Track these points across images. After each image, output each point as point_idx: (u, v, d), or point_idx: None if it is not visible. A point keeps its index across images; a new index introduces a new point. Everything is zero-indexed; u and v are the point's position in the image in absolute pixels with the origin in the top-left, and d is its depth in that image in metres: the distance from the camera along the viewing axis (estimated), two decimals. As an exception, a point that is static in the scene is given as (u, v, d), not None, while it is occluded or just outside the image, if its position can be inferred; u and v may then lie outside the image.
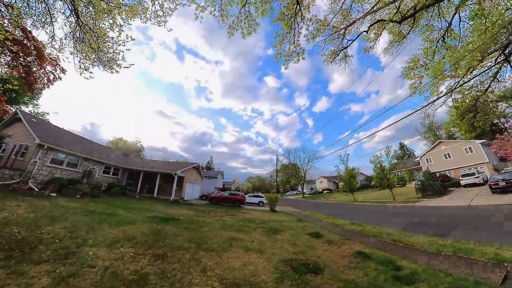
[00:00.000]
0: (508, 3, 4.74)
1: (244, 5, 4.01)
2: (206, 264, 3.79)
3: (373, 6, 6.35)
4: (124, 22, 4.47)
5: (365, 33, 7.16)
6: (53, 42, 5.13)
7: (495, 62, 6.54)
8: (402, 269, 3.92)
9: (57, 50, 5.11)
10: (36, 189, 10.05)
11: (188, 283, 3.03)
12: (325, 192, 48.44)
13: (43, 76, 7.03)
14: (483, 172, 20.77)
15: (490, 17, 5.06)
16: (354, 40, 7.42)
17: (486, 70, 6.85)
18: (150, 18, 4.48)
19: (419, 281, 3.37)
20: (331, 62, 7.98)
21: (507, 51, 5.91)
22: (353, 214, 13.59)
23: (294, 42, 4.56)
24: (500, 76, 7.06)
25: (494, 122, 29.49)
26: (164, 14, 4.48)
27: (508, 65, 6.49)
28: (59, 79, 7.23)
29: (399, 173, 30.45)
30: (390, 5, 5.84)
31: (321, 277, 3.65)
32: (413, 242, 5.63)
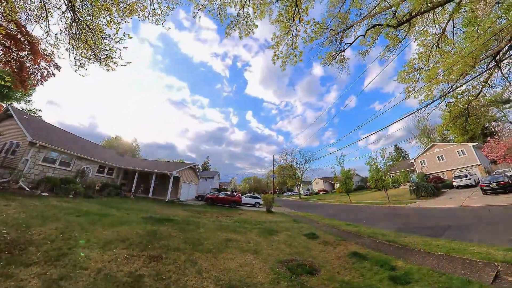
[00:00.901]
0: (499, 12, 4.92)
1: (243, 6, 4.02)
2: (202, 265, 3.75)
3: (370, 11, 6.47)
4: (121, 20, 4.41)
5: (362, 37, 7.28)
6: (48, 38, 5.02)
7: (486, 68, 6.75)
8: (397, 269, 3.97)
9: (52, 46, 5.00)
10: (27, 189, 9.78)
11: (184, 285, 2.99)
12: (321, 193, 48.75)
13: (36, 72, 6.84)
14: (475, 174, 21.33)
15: (482, 25, 5.24)
16: (351, 44, 7.53)
17: (478, 75, 7.06)
18: (148, 16, 4.44)
19: (414, 281, 3.42)
20: (328, 65, 8.08)
21: (498, 57, 6.11)
22: (349, 215, 13.71)
23: (292, 44, 4.60)
24: (491, 82, 7.28)
25: (486, 126, 30.37)
26: (163, 13, 4.45)
27: (499, 71, 6.71)
28: (52, 76, 7.06)
29: (394, 175, 30.92)
30: (387, 10, 5.97)
31: (317, 277, 3.67)
32: (408, 242, 5.71)
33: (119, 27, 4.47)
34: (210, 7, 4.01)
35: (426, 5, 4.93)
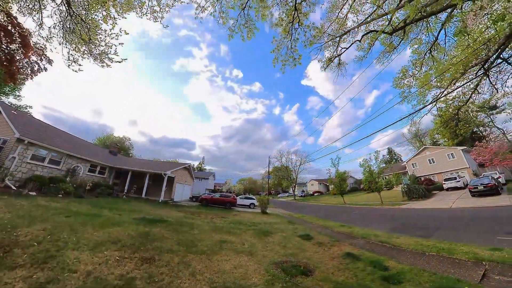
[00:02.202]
0: (488, 23, 5.16)
1: (244, 8, 4.03)
2: (196, 267, 3.70)
3: (367, 18, 6.63)
4: (118, 15, 4.32)
5: (358, 42, 7.44)
6: (41, 31, 4.85)
7: (475, 75, 7.03)
8: (389, 269, 4.04)
9: (45, 39, 4.83)
10: (14, 187, 9.39)
11: (177, 287, 2.93)
12: (316, 194, 49.19)
13: (27, 66, 6.54)
14: (464, 176, 22.09)
15: (472, 34, 5.48)
16: (348, 48, 7.67)
17: (468, 82, 7.34)
18: (146, 13, 4.37)
19: (405, 281, 3.50)
20: (326, 69, 8.20)
21: (486, 65, 6.38)
22: (343, 216, 13.88)
23: (291, 47, 4.64)
24: (480, 88, 7.60)
25: (474, 130, 31.57)
26: (161, 10, 4.40)
27: (487, 79, 7.01)
28: (44, 70, 6.77)
29: (386, 177, 31.59)
30: (383, 17, 6.13)
31: (311, 278, 3.68)
32: (400, 243, 5.83)
33: (116, 23, 4.38)
34: (212, 9, 3.99)
35: (420, 13, 5.09)
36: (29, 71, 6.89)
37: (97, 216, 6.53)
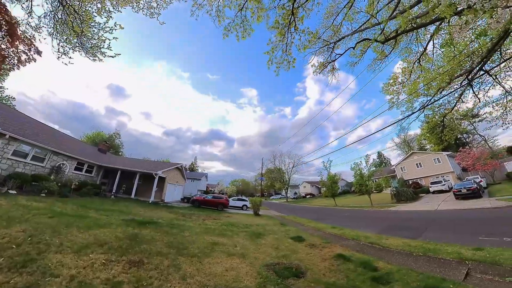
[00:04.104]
0: (472, 37, 5.50)
1: (241, 9, 4.06)
2: (186, 270, 3.61)
3: (361, 26, 6.87)
4: (114, 8, 4.19)
5: (352, 49, 7.66)
6: (30, 20, 4.61)
7: (460, 85, 7.44)
8: (378, 270, 4.14)
9: (34, 29, 4.59)
10: (-10, 186, 8.80)
11: (167, 291, 2.85)
12: (308, 196, 49.70)
13: (13, 55, 6.11)
14: (449, 180, 23.17)
15: (457, 47, 5.82)
16: (342, 55, 7.87)
17: (453, 91, 7.77)
18: (142, 8, 4.28)
19: (394, 281, 3.59)
20: (319, 73, 8.37)
21: (470, 76, 6.78)
22: (334, 218, 14.10)
23: (286, 51, 4.71)
24: (463, 98, 8.05)
25: (458, 137, 33.33)
26: (158, 6, 4.33)
27: (471, 89, 7.44)
28: (33, 61, 6.36)
29: (376, 180, 32.52)
30: (376, 27, 6.38)
31: (303, 280, 3.70)
32: (389, 244, 6.00)
33: (110, 16, 4.25)
34: (208, 7, 3.99)
35: (411, 24, 5.34)
36: (16, 61, 6.43)
37: (82, 217, 6.25)
